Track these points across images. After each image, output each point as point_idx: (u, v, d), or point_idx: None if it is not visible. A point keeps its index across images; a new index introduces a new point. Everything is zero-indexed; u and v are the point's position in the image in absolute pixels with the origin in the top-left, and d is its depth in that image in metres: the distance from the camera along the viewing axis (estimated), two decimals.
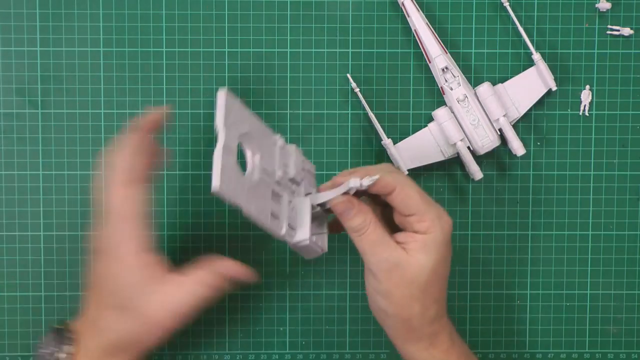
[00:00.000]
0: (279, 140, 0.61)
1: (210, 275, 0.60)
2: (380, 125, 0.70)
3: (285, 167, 0.61)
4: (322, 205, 0.61)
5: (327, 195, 0.60)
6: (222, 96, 0.56)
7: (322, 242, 0.63)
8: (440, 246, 0.60)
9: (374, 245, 0.59)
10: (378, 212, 0.62)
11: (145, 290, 0.59)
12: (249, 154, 0.58)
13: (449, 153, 0.70)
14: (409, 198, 0.60)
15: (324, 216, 0.63)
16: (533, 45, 0.70)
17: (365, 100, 0.71)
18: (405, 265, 0.59)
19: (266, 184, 0.58)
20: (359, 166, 0.66)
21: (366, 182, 0.58)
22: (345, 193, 0.59)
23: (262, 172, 0.58)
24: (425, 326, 0.61)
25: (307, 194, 0.62)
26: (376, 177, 0.58)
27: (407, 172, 0.70)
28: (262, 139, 0.59)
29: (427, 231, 0.59)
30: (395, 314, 0.60)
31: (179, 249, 0.72)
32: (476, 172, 0.70)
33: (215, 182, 0.53)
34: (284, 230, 0.59)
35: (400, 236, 0.60)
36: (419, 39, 0.69)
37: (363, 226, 0.59)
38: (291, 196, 0.61)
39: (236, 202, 0.55)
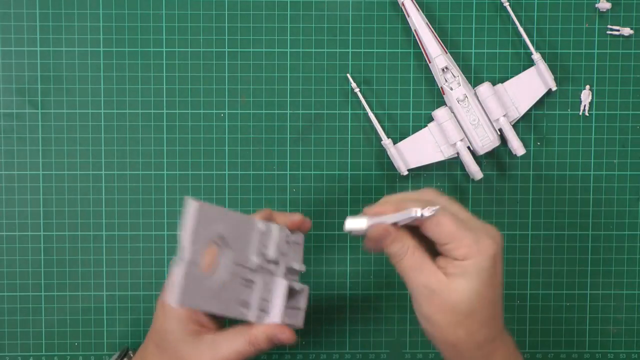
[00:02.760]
0: (259, 224, 0.59)
1: (260, 336, 0.60)
2: (380, 125, 0.70)
3: (264, 249, 0.60)
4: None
5: (390, 218, 0.58)
6: (191, 209, 0.54)
7: (297, 319, 0.62)
8: (483, 271, 0.57)
9: (413, 271, 0.57)
10: (419, 237, 0.60)
11: (187, 340, 0.60)
12: (219, 255, 0.57)
13: (448, 153, 0.70)
14: (440, 227, 0.57)
15: (304, 291, 0.62)
16: (533, 45, 0.70)
17: (365, 100, 0.71)
18: (445, 292, 0.57)
19: (237, 278, 0.58)
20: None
21: (427, 212, 0.56)
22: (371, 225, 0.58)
23: (233, 268, 0.57)
24: (474, 350, 0.58)
25: (288, 268, 0.61)
26: (437, 207, 0.56)
27: (406, 173, 0.70)
28: (238, 232, 0.58)
29: (466, 257, 0.57)
30: (440, 339, 0.58)
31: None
32: (476, 172, 0.70)
33: (174, 298, 0.53)
34: (253, 317, 0.59)
35: (441, 261, 0.58)
36: (419, 39, 0.69)
37: (401, 252, 0.58)
38: (268, 277, 0.60)
39: (200, 309, 0.56)
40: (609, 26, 0.72)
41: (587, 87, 0.72)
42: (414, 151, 0.70)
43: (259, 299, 0.59)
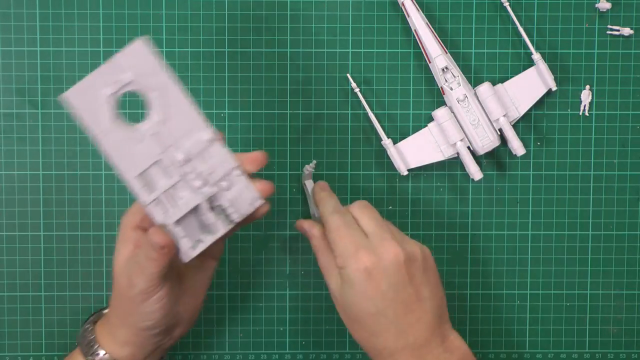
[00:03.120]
0: (205, 132, 0.58)
1: (144, 239, 0.58)
2: (380, 125, 0.70)
3: (196, 159, 0.58)
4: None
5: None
6: (138, 45, 0.56)
7: (191, 247, 0.59)
8: (357, 283, 0.59)
9: (323, 270, 0.62)
10: None
11: (128, 261, 0.60)
12: (149, 112, 0.57)
13: (448, 153, 0.70)
14: (328, 232, 0.61)
15: (215, 230, 0.59)
16: (533, 45, 0.70)
17: (365, 100, 0.71)
18: (337, 296, 0.61)
19: (150, 150, 0.57)
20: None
21: (311, 165, 0.68)
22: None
23: (150, 140, 0.57)
24: (378, 356, 0.60)
25: (217, 203, 0.59)
26: (314, 161, 0.66)
27: (406, 173, 0.70)
28: (179, 117, 0.57)
29: (340, 266, 0.60)
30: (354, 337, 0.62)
31: None
32: (476, 172, 0.70)
33: (71, 89, 0.55)
34: (146, 198, 0.57)
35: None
36: (419, 39, 0.69)
37: (316, 250, 0.62)
38: (186, 186, 0.58)
39: (86, 122, 0.56)
40: (609, 26, 0.72)
41: (587, 87, 0.72)
42: (414, 151, 0.70)
43: (164, 191, 0.57)
